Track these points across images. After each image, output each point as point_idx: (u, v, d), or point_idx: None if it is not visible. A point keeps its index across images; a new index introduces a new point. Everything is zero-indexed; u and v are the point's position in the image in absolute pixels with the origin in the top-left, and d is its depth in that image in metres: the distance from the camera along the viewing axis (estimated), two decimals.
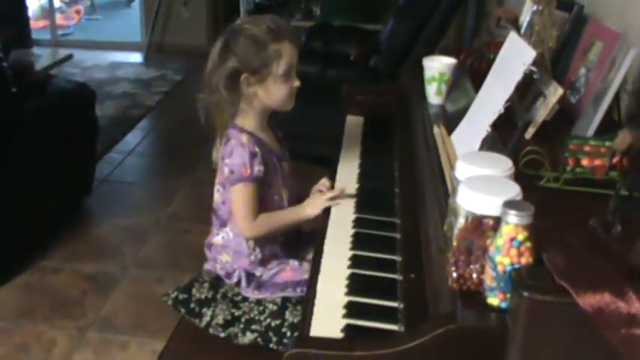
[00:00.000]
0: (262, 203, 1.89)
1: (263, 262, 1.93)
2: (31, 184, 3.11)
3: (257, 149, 1.85)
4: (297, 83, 1.88)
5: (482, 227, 1.17)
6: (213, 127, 1.93)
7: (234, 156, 1.84)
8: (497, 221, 1.13)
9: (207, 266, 2.01)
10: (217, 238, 1.98)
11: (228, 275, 1.94)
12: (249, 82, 1.83)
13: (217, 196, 1.96)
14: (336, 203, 1.91)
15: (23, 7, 5.84)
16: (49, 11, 7.42)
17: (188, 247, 3.27)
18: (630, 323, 1.02)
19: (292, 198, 2.00)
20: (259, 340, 1.80)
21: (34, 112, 3.17)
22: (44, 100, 3.34)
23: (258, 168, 1.84)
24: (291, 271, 1.92)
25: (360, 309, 1.46)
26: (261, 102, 1.87)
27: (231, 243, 1.95)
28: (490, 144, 1.54)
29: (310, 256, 1.96)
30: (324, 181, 2.00)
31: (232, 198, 1.88)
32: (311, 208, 1.91)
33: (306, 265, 1.91)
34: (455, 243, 1.21)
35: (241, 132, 1.88)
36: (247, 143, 1.85)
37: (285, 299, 1.88)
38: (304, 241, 2.06)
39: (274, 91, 1.85)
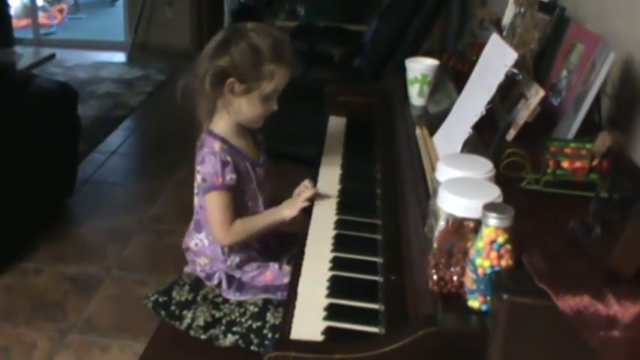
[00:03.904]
0: (235, 209, 1.87)
1: (241, 266, 1.93)
2: (11, 185, 3.08)
3: (229, 158, 1.84)
4: (274, 107, 1.87)
5: (463, 230, 1.16)
6: (192, 113, 1.90)
7: (206, 164, 1.83)
8: (478, 224, 1.12)
9: (187, 269, 2.00)
10: (191, 243, 1.97)
11: (209, 277, 1.94)
12: (233, 88, 1.81)
13: (196, 200, 1.95)
14: (315, 204, 1.90)
15: (5, 6, 5.81)
16: (31, 10, 7.36)
17: (171, 249, 3.21)
18: (609, 325, 1.03)
19: (268, 201, 1.98)
20: (240, 342, 1.79)
21: (15, 112, 3.14)
22: (26, 100, 3.31)
23: (230, 176, 1.83)
24: (271, 274, 1.91)
25: (341, 311, 1.45)
26: (235, 111, 1.85)
27: (206, 250, 1.94)
28: (472, 146, 1.54)
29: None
30: (305, 183, 1.98)
31: (207, 206, 1.87)
32: (288, 209, 1.89)
33: (287, 269, 1.90)
34: (435, 245, 1.20)
35: (215, 138, 1.86)
36: (219, 152, 1.83)
37: (266, 301, 1.87)
38: (285, 244, 2.05)
39: (252, 107, 1.84)
